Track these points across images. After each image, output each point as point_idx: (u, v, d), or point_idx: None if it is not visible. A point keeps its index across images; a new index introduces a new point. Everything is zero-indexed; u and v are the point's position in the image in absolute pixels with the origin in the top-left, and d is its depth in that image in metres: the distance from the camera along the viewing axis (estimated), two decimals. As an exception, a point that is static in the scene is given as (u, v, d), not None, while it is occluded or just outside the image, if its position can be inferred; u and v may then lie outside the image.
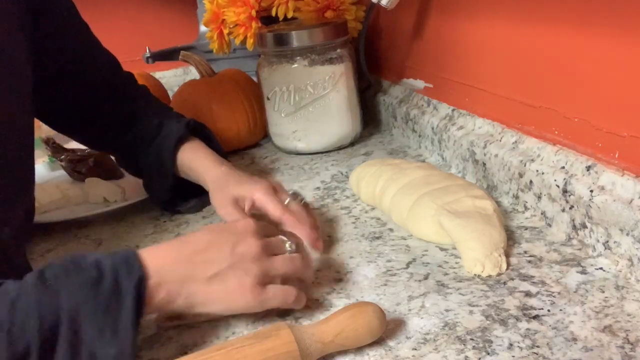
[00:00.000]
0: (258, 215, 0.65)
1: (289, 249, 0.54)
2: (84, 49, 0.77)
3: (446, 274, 0.57)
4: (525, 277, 0.55)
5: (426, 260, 0.60)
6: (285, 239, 0.55)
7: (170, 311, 0.50)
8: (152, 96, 0.86)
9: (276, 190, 0.68)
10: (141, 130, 0.79)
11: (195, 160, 0.75)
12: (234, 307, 0.50)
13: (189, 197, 0.80)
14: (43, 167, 1.05)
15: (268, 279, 0.51)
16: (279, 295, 0.51)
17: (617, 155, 0.55)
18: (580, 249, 0.58)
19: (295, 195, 0.68)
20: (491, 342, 0.46)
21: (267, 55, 0.97)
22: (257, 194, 0.66)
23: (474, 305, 0.51)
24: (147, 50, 1.24)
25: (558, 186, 0.60)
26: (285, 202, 0.66)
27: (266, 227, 0.56)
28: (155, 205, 0.83)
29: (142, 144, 0.78)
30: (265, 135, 1.06)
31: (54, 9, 0.70)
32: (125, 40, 1.55)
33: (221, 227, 0.54)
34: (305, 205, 0.68)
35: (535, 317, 0.49)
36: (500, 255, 0.57)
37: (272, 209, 0.65)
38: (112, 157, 0.90)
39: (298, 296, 0.52)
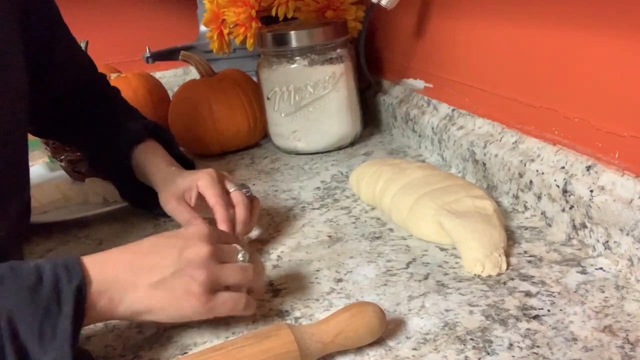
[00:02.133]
0: (210, 218, 0.65)
1: (240, 258, 0.52)
2: (68, 50, 0.77)
3: (446, 274, 0.57)
4: (525, 277, 0.55)
5: (426, 260, 0.60)
6: (239, 247, 0.53)
7: (117, 319, 0.49)
8: (121, 99, 0.86)
9: (223, 179, 0.68)
10: (105, 131, 0.78)
11: (147, 162, 0.73)
12: (180, 314, 0.48)
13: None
14: (43, 167, 1.05)
15: (217, 286, 0.49)
16: (228, 302, 0.49)
17: (617, 155, 0.55)
18: (580, 249, 0.58)
19: (242, 186, 0.68)
20: (491, 342, 0.46)
21: (267, 55, 0.97)
22: (200, 181, 0.66)
23: (474, 305, 0.51)
24: (147, 50, 1.24)
25: (558, 186, 0.60)
26: (231, 191, 0.66)
27: (221, 234, 0.54)
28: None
29: (103, 144, 0.78)
30: (265, 135, 1.06)
31: (42, 9, 0.70)
32: (125, 40, 1.55)
33: (172, 232, 0.52)
34: (251, 199, 0.68)
35: (535, 317, 0.49)
36: (500, 255, 0.57)
37: (210, 194, 0.65)
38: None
39: (247, 303, 0.51)
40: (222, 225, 0.63)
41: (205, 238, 0.50)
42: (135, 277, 0.47)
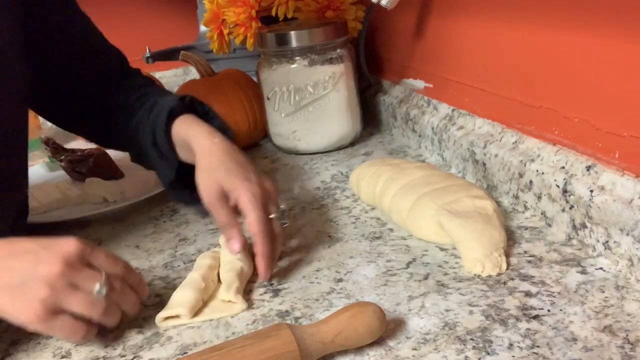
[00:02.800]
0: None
1: (96, 290, 0.49)
2: (84, 41, 0.75)
3: (446, 274, 0.57)
4: (525, 277, 0.55)
5: (426, 260, 0.60)
6: (102, 279, 0.50)
7: None
8: (156, 85, 0.82)
9: (267, 199, 0.61)
10: (140, 114, 0.72)
11: (186, 131, 0.66)
12: (19, 322, 0.48)
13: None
14: (43, 168, 1.05)
15: (59, 309, 0.48)
16: (65, 328, 0.49)
17: (617, 155, 0.55)
18: (580, 249, 0.58)
19: (282, 214, 0.63)
20: (491, 342, 0.46)
21: (267, 55, 0.97)
22: (244, 196, 0.59)
23: (474, 305, 0.51)
24: (147, 50, 1.24)
25: (558, 186, 0.60)
26: (270, 217, 0.60)
27: (96, 257, 0.51)
28: (155, 206, 0.83)
29: (140, 126, 0.72)
30: (265, 135, 1.06)
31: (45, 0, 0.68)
32: (125, 40, 1.54)
33: (45, 242, 0.51)
34: (284, 230, 0.63)
35: (535, 317, 0.49)
36: (500, 255, 0.57)
37: (251, 219, 0.58)
38: (128, 155, 0.81)
39: (87, 335, 0.50)
40: (263, 262, 0.59)
41: (67, 258, 0.49)
42: None
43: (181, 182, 0.69)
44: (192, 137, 0.65)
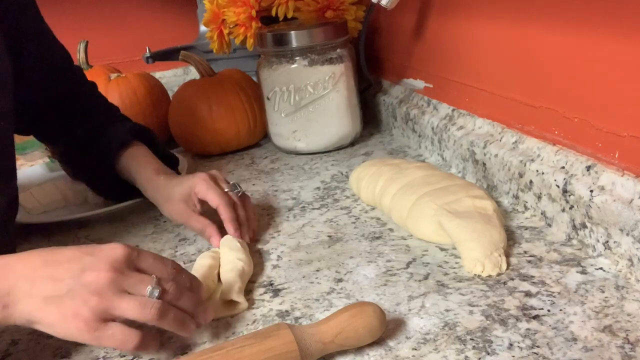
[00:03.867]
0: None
1: (149, 293, 0.47)
2: (42, 41, 0.76)
3: (446, 274, 0.57)
4: (525, 277, 0.55)
5: (426, 260, 0.60)
6: (152, 281, 0.47)
7: (14, 324, 0.47)
8: (100, 94, 0.86)
9: (216, 179, 0.70)
10: (87, 130, 0.79)
11: (134, 170, 0.76)
12: (66, 334, 0.46)
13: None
14: (43, 168, 1.05)
15: (109, 316, 0.46)
16: (117, 337, 0.46)
17: (617, 155, 0.55)
18: (580, 249, 0.58)
19: (234, 186, 0.70)
20: (491, 342, 0.46)
21: (267, 55, 0.97)
22: (198, 186, 0.68)
23: (474, 305, 0.51)
24: (147, 50, 1.24)
25: (558, 186, 0.60)
26: (225, 190, 0.69)
27: (143, 260, 0.49)
28: (155, 206, 0.83)
29: (85, 144, 0.79)
30: (265, 135, 1.06)
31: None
32: (125, 40, 1.55)
33: (89, 248, 0.48)
34: (244, 197, 0.71)
35: (535, 317, 0.49)
36: (500, 255, 0.57)
37: (211, 197, 0.67)
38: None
39: (142, 342, 0.47)
40: (229, 225, 0.66)
41: (114, 263, 0.46)
42: (32, 286, 0.46)
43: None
44: (144, 181, 0.75)
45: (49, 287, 0.46)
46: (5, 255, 0.47)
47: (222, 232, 0.67)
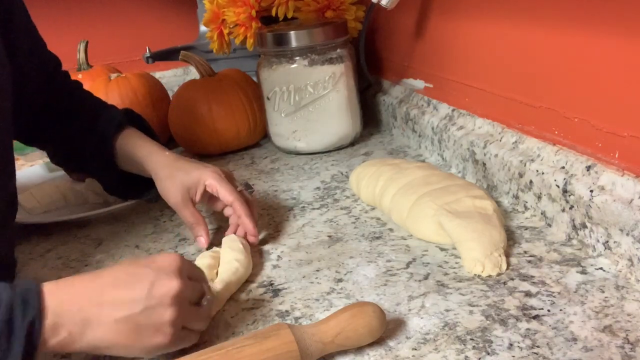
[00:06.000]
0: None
1: (205, 302, 0.50)
2: (33, 41, 0.74)
3: (446, 274, 0.57)
4: (525, 277, 0.55)
5: (426, 260, 0.60)
6: (205, 288, 0.50)
7: (74, 352, 0.46)
8: (87, 91, 0.84)
9: (230, 177, 0.69)
10: (83, 121, 0.77)
11: (137, 147, 0.72)
12: (145, 351, 0.46)
13: (142, 186, 0.77)
14: (43, 168, 1.05)
15: (182, 325, 0.47)
16: (186, 340, 0.48)
17: (617, 155, 0.55)
18: (580, 249, 0.58)
19: (247, 186, 0.70)
20: (491, 342, 0.46)
21: (267, 55, 0.97)
22: (209, 179, 0.67)
23: (474, 305, 0.51)
24: (147, 50, 1.24)
25: (558, 186, 0.60)
26: (238, 189, 0.68)
27: (191, 267, 0.51)
28: (155, 206, 0.83)
29: (81, 135, 0.76)
30: (265, 135, 1.06)
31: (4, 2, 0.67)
32: (125, 40, 1.55)
33: (143, 261, 0.48)
34: (254, 198, 0.70)
35: (535, 317, 0.49)
36: (500, 255, 0.57)
37: (224, 193, 0.66)
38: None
39: (193, 339, 0.50)
40: (248, 220, 0.66)
41: (177, 271, 0.47)
42: (100, 311, 0.44)
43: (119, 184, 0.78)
44: (145, 155, 0.71)
45: (120, 309, 0.44)
46: (55, 281, 0.45)
47: (218, 233, 0.67)
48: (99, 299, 0.45)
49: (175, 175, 0.68)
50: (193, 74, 1.55)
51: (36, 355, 0.42)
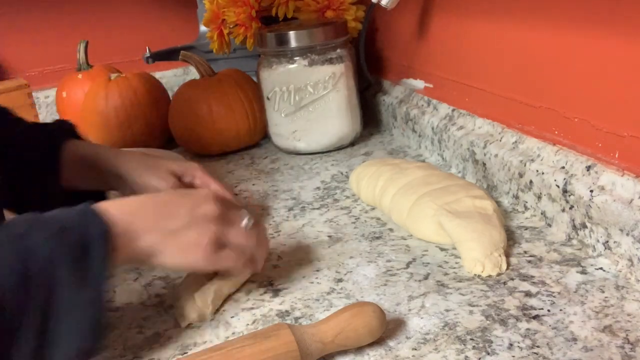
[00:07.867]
0: None
1: (245, 223, 0.54)
2: None
3: (446, 274, 0.57)
4: (525, 277, 0.55)
5: (426, 260, 0.60)
6: (245, 212, 0.55)
7: (135, 260, 0.50)
8: (16, 117, 0.73)
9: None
10: (17, 149, 0.68)
11: (91, 147, 0.69)
12: (186, 262, 0.52)
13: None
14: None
15: (222, 244, 0.52)
16: (231, 257, 0.53)
17: (617, 155, 0.55)
18: (580, 249, 0.58)
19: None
20: (491, 342, 0.46)
21: (267, 55, 0.97)
22: (199, 172, 0.69)
23: (474, 305, 0.51)
24: (147, 50, 1.24)
25: (558, 186, 0.60)
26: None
27: (226, 201, 0.56)
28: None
29: (19, 157, 0.67)
30: (265, 135, 1.06)
31: None
32: (125, 40, 1.55)
33: (184, 191, 0.55)
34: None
35: (535, 317, 0.49)
36: (500, 255, 0.57)
37: (215, 187, 0.68)
38: None
39: (249, 262, 0.54)
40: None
41: (215, 199, 0.53)
42: (154, 222, 0.50)
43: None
44: (111, 155, 0.69)
45: (171, 222, 0.50)
46: (109, 201, 0.50)
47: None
48: (153, 212, 0.51)
49: (157, 166, 0.68)
50: (193, 74, 1.54)
51: (114, 259, 0.46)
